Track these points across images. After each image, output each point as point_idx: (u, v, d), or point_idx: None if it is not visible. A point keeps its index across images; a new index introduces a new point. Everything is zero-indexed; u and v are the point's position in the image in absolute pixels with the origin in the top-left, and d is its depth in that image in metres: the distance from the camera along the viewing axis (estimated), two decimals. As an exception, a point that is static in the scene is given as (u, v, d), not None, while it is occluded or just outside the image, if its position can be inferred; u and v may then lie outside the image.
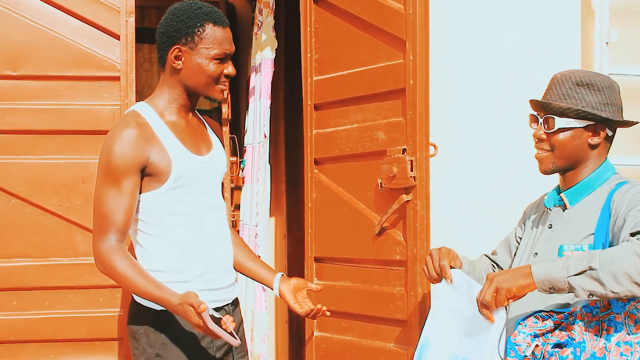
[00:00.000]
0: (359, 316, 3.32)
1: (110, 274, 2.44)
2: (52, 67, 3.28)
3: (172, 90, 2.55)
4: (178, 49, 2.50)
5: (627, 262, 2.13)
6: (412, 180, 3.06)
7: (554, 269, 2.20)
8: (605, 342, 2.24)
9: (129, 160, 2.41)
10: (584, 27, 3.83)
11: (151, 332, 2.48)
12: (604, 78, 2.50)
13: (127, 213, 2.43)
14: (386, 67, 3.19)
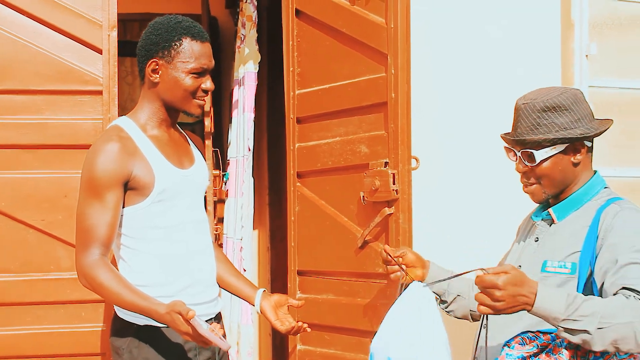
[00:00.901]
0: (342, 329, 3.31)
1: (94, 288, 2.43)
2: (34, 81, 3.27)
3: (152, 104, 2.55)
4: (155, 62, 2.50)
5: (620, 330, 2.13)
6: (395, 193, 3.06)
7: (554, 313, 2.15)
8: None
9: (112, 174, 2.41)
10: (564, 40, 3.86)
11: (134, 348, 2.48)
12: (567, 94, 2.45)
13: (111, 227, 2.42)
14: (368, 80, 3.21)
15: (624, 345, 2.15)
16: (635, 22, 4.06)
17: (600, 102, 3.90)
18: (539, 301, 2.15)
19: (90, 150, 2.48)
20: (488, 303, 2.14)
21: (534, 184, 2.48)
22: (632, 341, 2.14)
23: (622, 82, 3.97)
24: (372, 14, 3.18)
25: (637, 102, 4.04)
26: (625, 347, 2.16)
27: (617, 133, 4.01)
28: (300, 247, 3.48)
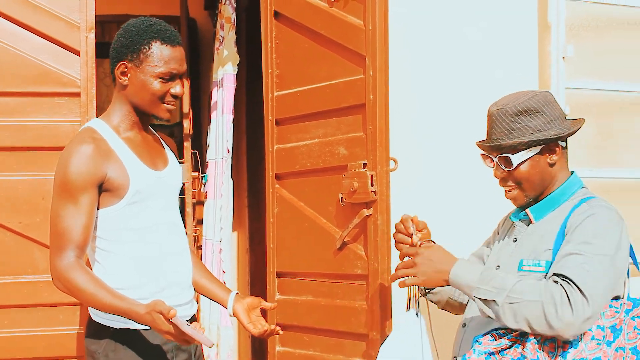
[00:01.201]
0: (321, 330, 3.32)
1: (71, 291, 2.41)
2: (12, 83, 3.26)
3: (123, 107, 2.54)
4: (124, 65, 2.49)
5: (531, 308, 2.23)
6: (373, 194, 3.08)
7: (469, 279, 2.35)
8: (561, 358, 2.26)
9: (86, 176, 2.40)
10: (541, 42, 3.88)
11: (110, 351, 2.46)
12: (538, 97, 2.49)
13: (85, 229, 2.41)
14: (346, 82, 3.22)
15: (536, 325, 2.23)
16: (612, 24, 4.10)
17: (577, 103, 3.94)
18: (455, 270, 2.37)
19: (64, 153, 2.46)
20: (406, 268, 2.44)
21: (514, 188, 2.52)
22: (542, 321, 2.21)
23: (598, 84, 4.00)
24: (351, 16, 3.19)
25: (613, 104, 4.07)
26: (538, 327, 2.23)
27: (593, 134, 4.05)
28: (279, 249, 3.49)
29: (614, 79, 4.06)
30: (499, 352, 2.32)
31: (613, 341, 2.29)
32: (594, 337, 2.28)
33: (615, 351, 2.28)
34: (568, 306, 2.19)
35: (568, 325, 2.20)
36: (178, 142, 5.33)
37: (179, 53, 2.50)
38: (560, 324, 2.20)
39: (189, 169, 4.60)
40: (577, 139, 2.57)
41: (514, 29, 3.84)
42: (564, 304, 2.20)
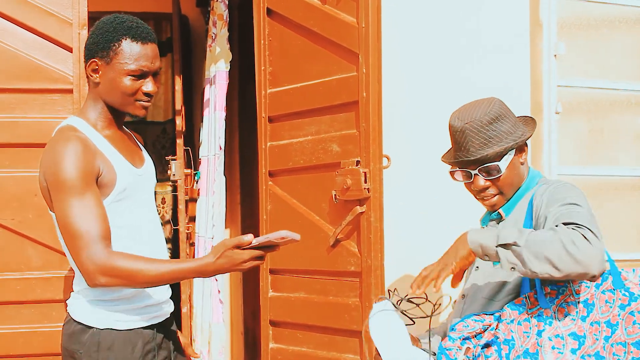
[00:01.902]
0: (314, 327, 3.33)
1: (124, 278, 2.31)
2: (4, 79, 3.25)
3: (97, 104, 2.51)
4: (95, 62, 2.46)
5: (551, 247, 2.23)
6: (366, 191, 3.08)
7: (486, 236, 2.34)
8: (537, 337, 2.30)
9: (86, 171, 2.35)
10: (533, 40, 3.89)
11: (93, 352, 2.43)
12: (497, 103, 2.59)
13: (104, 219, 2.34)
14: (339, 79, 3.22)
15: (561, 263, 2.23)
16: (604, 22, 4.11)
17: (568, 101, 3.95)
18: (471, 237, 2.37)
19: (53, 153, 2.38)
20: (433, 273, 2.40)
21: (495, 195, 2.60)
22: (567, 258, 2.22)
23: (590, 82, 4.01)
24: (343, 14, 3.20)
25: (605, 102, 4.09)
26: (563, 265, 2.23)
27: (585, 132, 4.06)
28: (272, 246, 3.49)
29: (606, 77, 4.08)
30: (475, 337, 2.35)
31: (587, 316, 2.34)
32: (567, 314, 2.33)
33: (590, 325, 2.33)
34: (585, 240, 2.23)
35: (592, 256, 2.22)
36: (170, 139, 5.34)
37: (151, 50, 2.46)
38: (585, 256, 2.21)
39: (181, 166, 4.60)
40: (568, 137, 2.61)
41: (506, 27, 3.85)
42: (581, 240, 2.23)
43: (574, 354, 2.30)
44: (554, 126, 3.82)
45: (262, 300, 3.52)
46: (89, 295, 2.46)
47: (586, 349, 2.31)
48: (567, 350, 2.30)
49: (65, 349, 2.50)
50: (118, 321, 2.46)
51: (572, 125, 3.98)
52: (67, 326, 2.52)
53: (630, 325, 2.31)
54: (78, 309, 2.49)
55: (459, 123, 2.56)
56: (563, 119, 3.90)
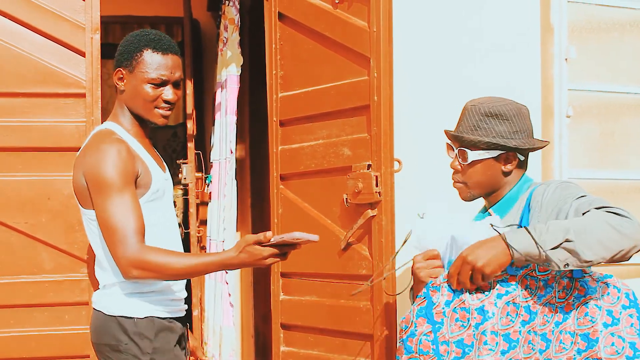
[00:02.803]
0: (326, 331, 3.33)
1: (155, 271, 2.45)
2: (17, 84, 3.27)
3: (124, 111, 2.67)
4: (120, 71, 2.63)
5: (599, 231, 2.23)
6: (377, 195, 3.09)
7: (529, 243, 2.26)
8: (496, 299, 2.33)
9: (127, 172, 2.50)
10: (543, 44, 3.89)
11: (138, 340, 2.53)
12: (512, 105, 2.58)
13: (140, 216, 2.49)
14: (351, 83, 3.23)
15: (612, 242, 2.23)
16: (614, 26, 4.11)
17: (579, 105, 3.95)
18: (512, 240, 2.27)
19: (97, 154, 2.52)
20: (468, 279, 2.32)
21: (460, 183, 2.63)
22: (616, 235, 2.23)
23: (601, 86, 4.02)
24: (355, 18, 3.21)
25: (615, 105, 4.08)
26: (614, 244, 2.23)
27: (596, 136, 4.06)
28: (284, 249, 3.49)
29: (617, 81, 4.08)
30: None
31: (544, 295, 2.35)
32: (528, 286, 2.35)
33: (544, 306, 2.35)
34: (623, 217, 2.25)
35: (637, 229, 2.24)
36: (181, 143, 5.36)
37: (171, 61, 2.62)
38: (631, 231, 2.23)
39: (192, 170, 4.62)
40: (579, 141, 2.61)
41: (517, 31, 3.85)
42: (620, 217, 2.25)
43: (523, 327, 2.32)
44: (565, 130, 3.82)
45: (274, 304, 3.52)
46: (126, 288, 2.56)
47: (534, 326, 2.33)
48: (518, 321, 2.32)
49: (106, 345, 2.57)
50: (157, 310, 2.57)
51: (583, 128, 3.97)
52: (102, 322, 2.58)
53: (582, 317, 2.32)
54: (114, 302, 2.57)
55: (469, 103, 2.62)
56: (574, 123, 3.90)
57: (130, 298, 2.55)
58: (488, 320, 2.31)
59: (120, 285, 2.56)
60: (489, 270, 2.29)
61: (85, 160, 2.54)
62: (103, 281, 2.61)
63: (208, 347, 4.50)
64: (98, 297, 2.62)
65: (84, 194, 2.56)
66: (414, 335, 2.36)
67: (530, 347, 2.31)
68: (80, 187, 2.57)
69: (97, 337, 2.60)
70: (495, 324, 2.31)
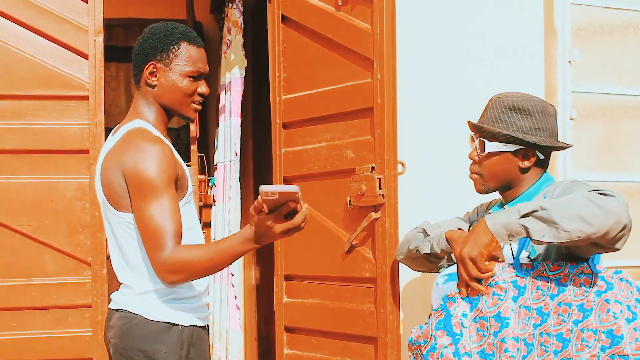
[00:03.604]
0: (329, 333, 3.33)
1: (193, 268, 2.33)
2: (20, 86, 3.28)
3: (152, 108, 2.55)
4: (153, 65, 2.51)
5: (580, 206, 2.22)
6: (381, 198, 3.08)
7: (506, 215, 2.30)
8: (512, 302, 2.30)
9: (169, 173, 2.39)
10: (547, 46, 3.89)
11: (178, 349, 2.44)
12: (538, 102, 2.56)
13: (179, 220, 2.38)
14: (354, 86, 3.23)
15: (592, 218, 2.20)
16: (618, 28, 4.11)
17: (583, 107, 3.94)
18: (490, 219, 2.31)
19: (139, 152, 2.38)
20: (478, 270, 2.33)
21: (476, 174, 2.62)
22: (596, 209, 2.20)
23: (605, 88, 4.01)
24: (358, 20, 3.21)
25: (619, 108, 4.08)
26: (595, 219, 2.20)
27: (599, 138, 4.05)
28: (287, 252, 3.50)
29: (620, 83, 4.07)
30: None
31: (556, 295, 2.33)
32: (539, 288, 2.33)
33: (557, 305, 2.33)
34: (607, 196, 2.23)
35: (620, 206, 2.22)
36: (185, 145, 5.36)
37: (204, 54, 2.56)
38: (613, 207, 2.21)
39: (195, 172, 4.62)
40: (583, 143, 2.60)
41: (520, 34, 3.85)
42: (603, 196, 2.24)
43: (535, 329, 2.30)
44: (569, 132, 3.82)
45: (277, 306, 3.52)
46: (170, 293, 2.46)
47: (547, 328, 2.31)
48: (531, 324, 2.31)
49: (139, 351, 2.44)
50: (199, 319, 2.50)
51: (586, 131, 3.97)
52: (141, 327, 2.45)
53: (604, 313, 2.31)
54: (155, 307, 2.45)
55: (496, 95, 2.61)
56: (578, 125, 3.90)
57: (173, 304, 2.45)
58: (506, 327, 2.29)
59: (158, 292, 2.45)
60: (475, 254, 2.31)
61: (125, 160, 2.40)
62: (139, 287, 2.47)
63: (215, 350, 4.49)
64: (132, 301, 2.48)
65: (121, 195, 2.42)
66: (435, 349, 2.33)
67: (543, 349, 2.30)
68: (116, 188, 2.43)
69: (126, 341, 2.46)
70: (514, 329, 2.29)
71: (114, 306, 2.53)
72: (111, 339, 2.51)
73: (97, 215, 3.24)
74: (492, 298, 2.31)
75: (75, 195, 3.31)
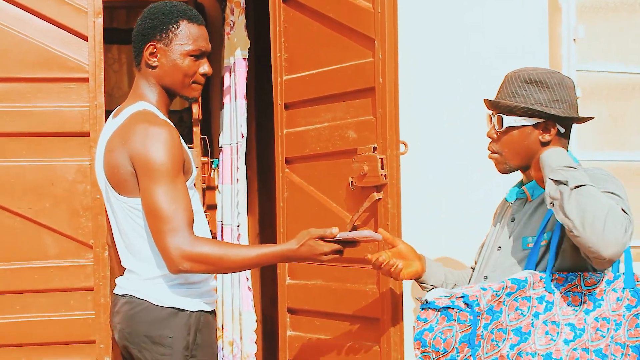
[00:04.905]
0: (332, 314, 3.32)
1: (210, 263, 2.31)
2: (19, 69, 3.26)
3: (153, 89, 2.51)
4: (153, 45, 2.47)
5: (596, 206, 2.18)
6: (383, 178, 3.06)
7: (555, 163, 2.32)
8: (533, 318, 2.28)
9: (178, 157, 2.35)
10: (552, 24, 3.85)
11: (185, 335, 2.41)
12: (555, 75, 2.51)
13: (191, 207, 2.36)
14: (356, 65, 3.20)
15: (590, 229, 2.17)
16: (623, 6, 4.07)
17: (588, 85, 3.91)
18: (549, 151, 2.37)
19: (146, 136, 2.34)
20: None
21: (496, 153, 2.55)
22: (599, 223, 2.17)
23: (610, 66, 3.98)
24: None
25: (625, 86, 4.05)
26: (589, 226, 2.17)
27: (604, 117, 4.02)
28: (290, 233, 3.48)
29: (625, 61, 4.04)
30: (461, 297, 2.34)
31: (592, 310, 2.30)
32: (570, 303, 2.30)
33: (595, 320, 2.29)
34: (623, 227, 2.19)
35: (615, 242, 2.18)
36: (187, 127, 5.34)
37: (205, 32, 2.52)
38: (612, 237, 2.17)
39: (198, 154, 4.60)
40: (588, 122, 2.55)
41: (525, 11, 3.81)
42: (622, 224, 2.19)
43: (567, 345, 2.26)
44: (574, 111, 3.78)
45: (280, 288, 3.51)
46: (176, 278, 2.42)
47: (582, 343, 2.27)
48: (560, 339, 2.27)
49: (146, 336, 2.42)
50: (206, 304, 2.48)
51: (591, 110, 3.93)
52: (146, 312, 2.42)
53: (632, 328, 2.29)
54: (161, 293, 2.43)
55: (512, 71, 2.56)
56: (582, 104, 3.85)
57: (180, 289, 2.42)
58: (524, 342, 2.26)
59: (165, 277, 2.42)
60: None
61: (133, 144, 2.35)
62: (145, 273, 2.44)
63: (226, 331, 4.49)
64: (139, 286, 2.45)
65: (126, 179, 2.38)
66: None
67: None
68: (120, 173, 2.38)
69: (133, 327, 2.44)
70: (532, 345, 2.26)
71: (120, 291, 2.50)
72: (117, 324, 2.49)
73: (98, 197, 3.23)
74: (514, 312, 2.28)
75: (76, 178, 3.30)
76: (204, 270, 2.34)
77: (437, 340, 2.30)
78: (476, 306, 2.29)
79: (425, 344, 2.32)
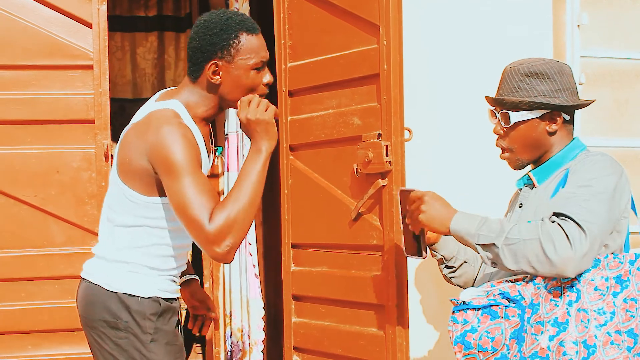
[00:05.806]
0: (337, 301, 3.33)
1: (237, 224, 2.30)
2: (24, 56, 3.26)
3: (205, 102, 2.47)
4: (215, 64, 2.41)
5: (529, 248, 2.24)
6: (388, 165, 3.06)
7: (469, 230, 2.36)
8: (568, 307, 2.27)
9: (195, 154, 2.34)
10: (556, 10, 3.85)
11: (140, 320, 2.43)
12: (553, 64, 2.52)
13: (215, 194, 2.35)
14: (360, 52, 3.20)
15: (537, 264, 2.23)
16: (627, -8, 4.06)
17: (591, 72, 3.91)
18: (455, 219, 2.39)
19: (161, 136, 2.32)
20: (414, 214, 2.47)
21: (507, 151, 2.56)
22: (542, 258, 2.21)
23: (613, 52, 3.98)
24: (364, -15, 3.17)
25: (628, 72, 4.04)
26: (539, 265, 2.22)
27: (608, 103, 4.02)
28: (294, 220, 3.49)
29: (629, 48, 4.03)
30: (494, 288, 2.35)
31: (620, 292, 2.29)
32: (597, 288, 2.28)
33: (623, 302, 2.28)
34: (566, 241, 2.20)
35: (567, 260, 2.20)
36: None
37: (262, 40, 2.47)
38: (560, 259, 2.20)
39: (203, 142, 4.60)
40: (591, 108, 2.56)
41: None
42: (562, 239, 2.20)
43: (599, 330, 2.26)
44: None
45: (285, 275, 3.52)
46: (126, 265, 2.45)
47: (615, 325, 2.26)
48: (592, 325, 2.26)
49: (102, 321, 2.45)
50: (160, 290, 2.48)
51: (595, 96, 3.93)
52: (99, 297, 2.45)
53: None
54: (117, 278, 2.45)
55: (508, 65, 2.56)
56: (586, 90, 3.86)
57: (134, 275, 2.44)
58: (564, 331, 2.25)
59: (118, 263, 2.45)
60: (424, 222, 2.44)
61: (147, 143, 2.35)
62: (105, 256, 2.48)
63: (234, 318, 4.50)
64: (94, 269, 2.50)
65: (134, 172, 2.39)
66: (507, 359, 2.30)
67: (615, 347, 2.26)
68: (131, 164, 2.39)
69: (89, 312, 2.48)
70: (572, 333, 2.25)
71: (82, 274, 2.54)
72: (78, 309, 2.54)
73: (103, 185, 3.24)
74: (549, 304, 2.28)
75: (82, 166, 3.30)
76: (240, 233, 2.31)
77: (484, 340, 2.29)
78: (521, 300, 2.31)
79: (470, 346, 2.30)
